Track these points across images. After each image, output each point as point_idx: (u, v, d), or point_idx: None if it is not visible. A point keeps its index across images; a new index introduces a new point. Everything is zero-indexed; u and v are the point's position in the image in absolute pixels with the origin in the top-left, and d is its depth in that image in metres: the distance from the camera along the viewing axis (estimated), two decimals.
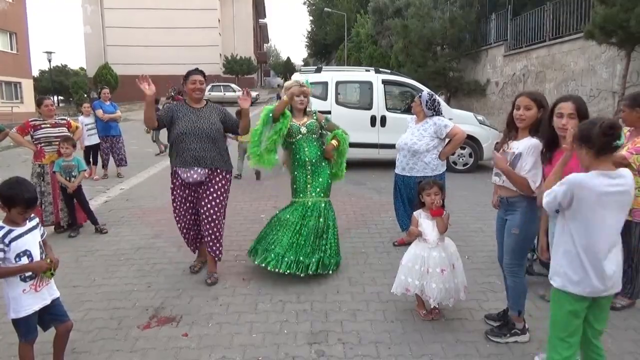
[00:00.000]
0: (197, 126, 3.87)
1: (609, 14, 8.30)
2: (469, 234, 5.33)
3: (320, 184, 4.18)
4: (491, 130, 9.51)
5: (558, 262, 2.29)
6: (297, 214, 4.08)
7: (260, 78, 57.11)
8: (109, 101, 9.07)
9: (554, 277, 2.31)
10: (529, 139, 2.85)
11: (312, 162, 4.18)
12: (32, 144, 5.49)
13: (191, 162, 3.86)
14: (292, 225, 4.04)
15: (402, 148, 4.71)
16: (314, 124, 4.23)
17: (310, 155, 4.17)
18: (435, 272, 3.22)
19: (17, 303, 2.44)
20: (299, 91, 4.17)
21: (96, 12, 43.47)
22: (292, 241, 3.98)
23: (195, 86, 3.93)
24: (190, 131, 3.84)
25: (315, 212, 4.08)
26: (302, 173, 4.18)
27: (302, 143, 4.18)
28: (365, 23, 30.86)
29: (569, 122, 2.60)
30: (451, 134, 4.60)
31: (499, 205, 3.12)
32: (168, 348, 3.03)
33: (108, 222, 5.83)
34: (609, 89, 10.58)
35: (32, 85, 31.84)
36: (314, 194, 4.15)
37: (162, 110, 4.13)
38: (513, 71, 15.32)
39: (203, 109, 4.01)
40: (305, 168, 4.17)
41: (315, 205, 4.11)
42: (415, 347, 3.02)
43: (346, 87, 9.94)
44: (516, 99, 2.93)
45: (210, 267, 4.12)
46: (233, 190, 4.19)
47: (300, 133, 4.17)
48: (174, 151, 3.96)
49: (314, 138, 4.22)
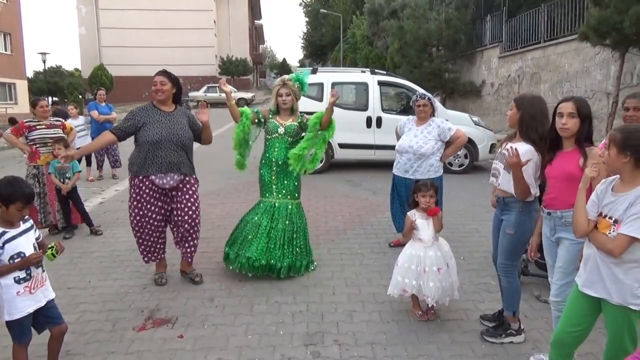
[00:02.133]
0: (172, 132, 3.73)
1: (603, 16, 8.35)
2: (465, 234, 5.35)
3: (286, 186, 4.15)
4: (486, 131, 9.55)
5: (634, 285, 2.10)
6: (266, 217, 4.06)
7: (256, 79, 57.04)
8: (104, 102, 9.04)
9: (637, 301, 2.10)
10: (522, 144, 2.86)
11: (277, 164, 4.14)
12: (26, 145, 5.47)
13: (167, 168, 3.72)
14: (262, 229, 4.02)
15: (405, 151, 4.64)
16: (293, 127, 4.18)
17: (278, 156, 4.13)
18: (432, 271, 3.24)
19: (11, 305, 2.42)
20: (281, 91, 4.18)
21: (91, 13, 43.28)
22: (262, 246, 3.97)
23: (156, 87, 3.74)
24: (166, 138, 3.69)
25: (282, 213, 4.09)
26: (267, 172, 4.18)
27: (274, 142, 4.17)
28: (361, 24, 30.91)
29: (568, 122, 2.57)
30: (454, 137, 4.62)
31: (496, 204, 3.14)
32: (163, 350, 3.02)
33: (103, 224, 5.81)
34: (603, 90, 10.65)
35: (26, 86, 31.66)
36: (280, 195, 4.14)
37: (123, 120, 3.83)
38: (508, 72, 15.39)
39: (174, 113, 3.83)
40: (270, 167, 4.17)
41: (282, 206, 4.11)
42: (411, 348, 3.02)
43: (342, 88, 9.94)
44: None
45: (189, 267, 4.09)
46: (229, 193, 4.17)
47: (277, 132, 4.16)
48: (143, 157, 3.71)
49: (288, 141, 4.17)
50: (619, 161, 2.09)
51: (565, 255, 2.61)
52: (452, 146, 4.69)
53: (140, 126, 3.73)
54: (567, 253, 2.60)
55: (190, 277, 4.06)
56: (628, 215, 2.03)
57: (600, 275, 2.15)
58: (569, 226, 2.54)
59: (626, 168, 2.09)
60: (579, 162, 2.54)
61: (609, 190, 2.18)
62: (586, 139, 2.59)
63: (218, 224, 5.71)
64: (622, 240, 2.03)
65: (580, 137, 2.57)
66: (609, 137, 2.16)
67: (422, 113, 4.64)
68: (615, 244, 2.05)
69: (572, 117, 2.56)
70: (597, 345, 2.91)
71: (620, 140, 2.08)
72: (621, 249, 2.03)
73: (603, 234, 2.14)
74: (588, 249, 2.25)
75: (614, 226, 2.09)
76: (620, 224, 2.07)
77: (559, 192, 2.61)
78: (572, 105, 2.58)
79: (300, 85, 4.26)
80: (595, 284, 2.18)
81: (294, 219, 4.14)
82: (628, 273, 2.08)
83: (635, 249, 2.05)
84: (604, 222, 2.15)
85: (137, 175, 3.78)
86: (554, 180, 2.64)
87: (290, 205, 4.15)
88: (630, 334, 2.15)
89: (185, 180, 3.90)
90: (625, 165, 2.09)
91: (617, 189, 2.15)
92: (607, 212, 2.15)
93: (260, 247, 3.96)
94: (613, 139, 2.11)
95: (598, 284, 2.17)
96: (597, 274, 2.16)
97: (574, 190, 2.47)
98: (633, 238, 2.01)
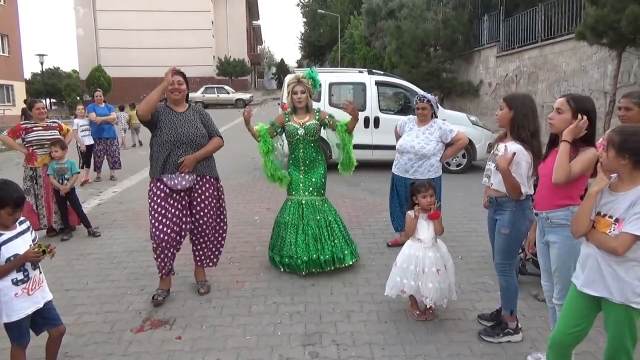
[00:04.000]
0: (182, 132, 3.61)
1: (600, 15, 8.36)
2: (463, 234, 5.35)
3: (313, 183, 4.24)
4: (484, 131, 9.56)
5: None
6: (295, 215, 4.17)
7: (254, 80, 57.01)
8: (103, 103, 9.04)
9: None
10: (512, 144, 2.87)
11: (305, 163, 4.24)
12: (23, 147, 5.46)
13: (176, 169, 3.59)
14: (295, 227, 4.14)
15: (407, 151, 4.63)
16: (313, 126, 4.21)
17: (305, 156, 4.24)
18: (431, 272, 3.24)
19: (10, 307, 2.42)
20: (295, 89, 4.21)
21: (89, 14, 43.17)
22: (300, 244, 4.10)
23: (173, 87, 3.61)
24: (175, 139, 3.58)
25: (311, 209, 4.18)
26: (295, 171, 4.26)
27: (298, 144, 4.24)
28: (358, 24, 30.92)
29: (554, 117, 2.56)
30: (456, 139, 4.62)
31: (489, 205, 3.14)
32: (161, 351, 3.02)
33: (101, 225, 5.80)
34: (600, 89, 10.66)
35: (24, 88, 31.63)
36: (307, 192, 4.22)
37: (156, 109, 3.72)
38: (506, 72, 15.41)
39: (186, 112, 3.72)
40: (298, 167, 4.26)
41: (309, 203, 4.20)
42: (409, 348, 3.02)
43: (340, 89, 9.95)
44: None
45: (201, 276, 3.98)
46: (227, 193, 4.17)
47: (298, 134, 4.20)
48: (157, 159, 3.62)
49: (311, 140, 4.24)
50: (617, 163, 2.10)
51: (558, 259, 2.59)
52: (453, 147, 4.69)
53: (156, 123, 3.62)
54: (558, 257, 2.59)
55: (199, 285, 3.93)
56: (631, 214, 2.04)
57: (601, 274, 2.15)
58: (556, 227, 2.56)
59: (625, 169, 2.10)
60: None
61: (607, 189, 2.18)
62: (585, 139, 2.48)
63: None
64: (625, 238, 2.03)
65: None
66: (607, 138, 2.15)
67: (422, 116, 4.65)
68: (619, 242, 2.05)
69: (559, 113, 2.54)
70: (594, 344, 2.92)
71: (619, 142, 2.08)
72: (625, 247, 2.04)
73: (603, 233, 2.13)
74: (587, 248, 2.24)
75: (615, 225, 2.10)
76: (621, 222, 2.07)
77: (546, 191, 2.60)
78: (561, 101, 2.56)
79: (313, 82, 4.30)
80: (596, 283, 2.17)
81: (325, 213, 4.24)
82: (629, 271, 2.09)
83: (636, 248, 2.05)
84: (603, 221, 2.15)
85: (152, 178, 3.68)
86: (545, 179, 2.63)
87: (317, 202, 4.25)
88: (631, 332, 2.15)
89: (204, 181, 3.76)
90: (623, 167, 2.09)
91: (615, 188, 2.15)
92: (607, 211, 2.15)
93: (299, 245, 4.10)
94: (611, 141, 2.10)
95: (598, 283, 2.16)
96: (598, 273, 2.16)
97: (561, 190, 2.48)
98: (636, 236, 2.01)
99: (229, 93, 35.06)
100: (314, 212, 4.19)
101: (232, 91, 35.77)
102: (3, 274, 2.40)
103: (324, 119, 4.28)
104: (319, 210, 4.22)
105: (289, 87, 4.29)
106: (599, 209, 2.19)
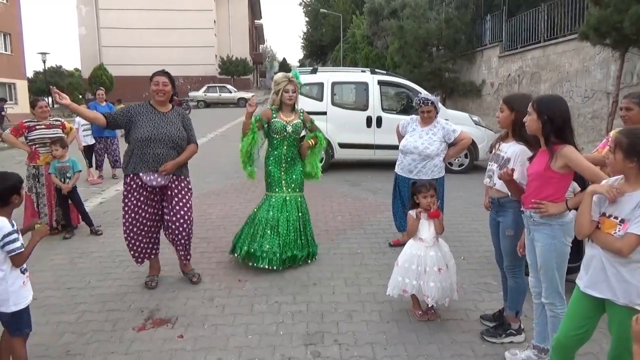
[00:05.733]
0: (164, 131, 3.70)
1: (603, 16, 8.35)
2: (465, 234, 5.34)
3: (294, 180, 4.37)
4: (486, 131, 9.53)
5: None
6: (280, 211, 4.24)
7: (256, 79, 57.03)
8: (104, 102, 9.04)
9: None
10: (514, 144, 2.87)
11: (287, 160, 4.34)
12: (26, 145, 5.46)
13: (154, 166, 3.69)
14: (281, 223, 4.22)
15: (410, 151, 4.62)
16: (299, 125, 4.33)
17: (287, 153, 4.33)
18: (432, 271, 3.24)
19: (18, 295, 2.48)
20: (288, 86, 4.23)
21: (91, 13, 43.24)
22: (290, 239, 4.22)
23: (157, 87, 3.73)
24: (156, 136, 3.67)
25: (293, 206, 4.31)
26: (276, 168, 4.34)
27: (282, 141, 4.30)
28: (360, 24, 30.89)
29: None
30: (459, 139, 4.61)
31: (490, 206, 3.13)
32: (163, 350, 3.02)
33: (103, 224, 5.81)
34: (603, 90, 10.65)
35: (26, 87, 31.63)
36: (289, 189, 4.34)
37: (119, 111, 3.93)
38: (508, 72, 15.39)
39: (169, 113, 3.82)
40: (280, 164, 4.34)
41: (292, 200, 4.32)
42: (411, 348, 3.02)
43: (342, 88, 9.94)
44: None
45: (187, 267, 4.09)
46: (228, 192, 4.17)
47: (286, 131, 4.25)
48: (134, 155, 3.71)
49: (295, 138, 4.34)
50: (624, 165, 2.09)
51: (542, 256, 2.58)
52: (456, 147, 4.69)
53: (133, 122, 3.73)
54: (541, 255, 2.58)
55: (188, 277, 4.06)
56: (637, 215, 2.03)
57: (606, 275, 2.13)
58: (539, 226, 2.56)
59: (632, 172, 2.09)
60: (547, 162, 2.48)
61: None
62: (558, 138, 2.46)
63: (218, 224, 5.70)
64: (631, 239, 2.02)
65: (547, 137, 2.48)
66: (614, 140, 2.14)
67: (427, 118, 4.63)
68: (624, 243, 2.04)
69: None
70: (597, 345, 2.91)
71: (627, 145, 2.07)
72: (630, 248, 2.03)
73: (608, 234, 2.12)
74: (591, 249, 2.23)
75: (620, 225, 2.09)
76: (626, 223, 2.06)
77: (530, 190, 2.61)
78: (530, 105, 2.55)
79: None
80: (600, 285, 2.16)
81: (303, 210, 4.40)
82: (634, 273, 2.07)
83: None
84: (609, 222, 2.14)
85: (128, 173, 3.77)
86: (529, 179, 2.65)
87: (299, 198, 4.40)
88: None
89: (178, 180, 3.87)
90: (630, 169, 2.09)
91: (621, 189, 2.14)
92: (612, 212, 2.13)
93: (289, 241, 4.22)
94: (619, 144, 2.09)
95: (603, 285, 2.15)
96: (602, 274, 2.15)
97: (544, 189, 2.49)
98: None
99: (231, 92, 35.10)
100: (297, 208, 4.33)
101: (234, 90, 35.80)
102: (31, 250, 2.50)
103: (307, 120, 4.43)
104: (300, 206, 4.36)
105: (279, 86, 4.26)
106: (604, 210, 2.17)
